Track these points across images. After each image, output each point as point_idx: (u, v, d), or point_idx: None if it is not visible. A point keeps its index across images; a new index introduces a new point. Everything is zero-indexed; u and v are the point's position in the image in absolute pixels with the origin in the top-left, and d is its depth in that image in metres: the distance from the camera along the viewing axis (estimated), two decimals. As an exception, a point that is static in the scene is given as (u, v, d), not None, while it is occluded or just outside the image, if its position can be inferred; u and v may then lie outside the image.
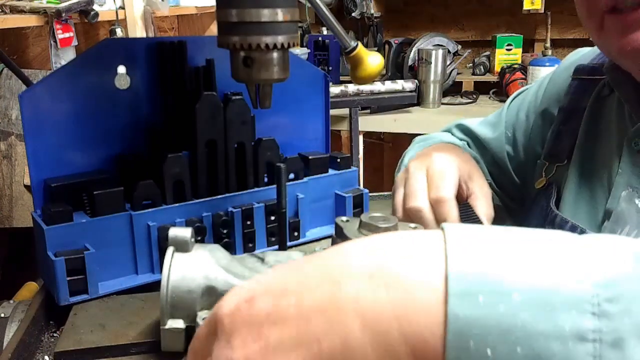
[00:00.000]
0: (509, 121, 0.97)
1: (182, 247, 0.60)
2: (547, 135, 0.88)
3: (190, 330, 0.59)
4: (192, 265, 0.59)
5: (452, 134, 1.05)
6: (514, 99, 1.00)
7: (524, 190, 0.95)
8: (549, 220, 0.79)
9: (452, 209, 0.73)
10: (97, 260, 0.73)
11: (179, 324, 0.58)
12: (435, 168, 0.76)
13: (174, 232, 0.60)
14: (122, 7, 2.30)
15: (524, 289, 0.30)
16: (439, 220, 0.72)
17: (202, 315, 0.58)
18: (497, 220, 0.80)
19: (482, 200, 0.77)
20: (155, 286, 0.78)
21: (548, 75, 0.94)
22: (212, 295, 0.59)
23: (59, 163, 0.79)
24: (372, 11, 3.16)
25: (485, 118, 1.04)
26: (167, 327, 0.58)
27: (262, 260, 0.66)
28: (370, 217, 0.60)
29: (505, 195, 0.99)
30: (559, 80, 0.89)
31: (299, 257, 0.67)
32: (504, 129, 0.97)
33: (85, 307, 0.72)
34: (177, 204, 0.80)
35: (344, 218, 0.64)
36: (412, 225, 0.65)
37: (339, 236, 0.63)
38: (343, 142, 2.76)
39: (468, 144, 1.02)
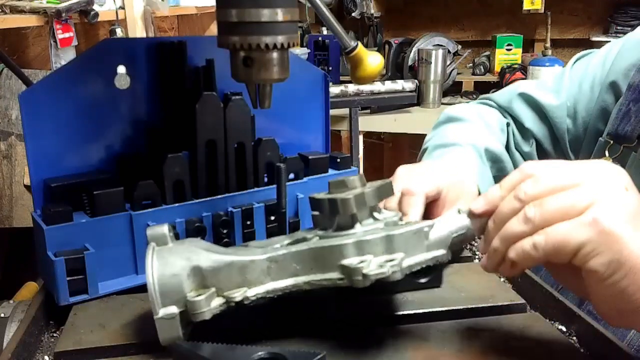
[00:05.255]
0: (571, 91, 0.93)
1: (161, 241, 0.61)
2: (611, 111, 0.84)
3: (184, 316, 0.59)
4: (173, 252, 0.60)
5: (511, 107, 1.00)
6: (573, 65, 0.96)
7: None
8: None
9: (414, 204, 0.73)
10: (97, 260, 0.73)
11: (172, 309, 0.58)
12: (417, 169, 0.78)
13: (151, 229, 0.62)
14: (122, 7, 2.30)
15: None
16: (402, 212, 0.73)
17: (191, 296, 0.58)
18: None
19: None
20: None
21: (614, 46, 0.91)
22: (198, 275, 0.59)
23: (59, 163, 0.79)
24: (372, 11, 3.16)
25: (543, 82, 0.99)
26: (160, 315, 0.58)
27: (245, 246, 0.68)
28: (337, 179, 0.68)
29: None
30: (629, 54, 0.86)
31: (283, 240, 0.68)
32: (565, 99, 0.93)
33: (85, 307, 0.72)
34: (177, 204, 0.80)
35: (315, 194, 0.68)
36: (378, 183, 0.69)
37: (315, 208, 0.67)
38: (343, 142, 2.76)
39: (515, 120, 0.98)
